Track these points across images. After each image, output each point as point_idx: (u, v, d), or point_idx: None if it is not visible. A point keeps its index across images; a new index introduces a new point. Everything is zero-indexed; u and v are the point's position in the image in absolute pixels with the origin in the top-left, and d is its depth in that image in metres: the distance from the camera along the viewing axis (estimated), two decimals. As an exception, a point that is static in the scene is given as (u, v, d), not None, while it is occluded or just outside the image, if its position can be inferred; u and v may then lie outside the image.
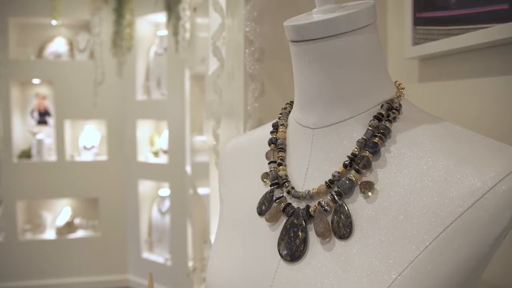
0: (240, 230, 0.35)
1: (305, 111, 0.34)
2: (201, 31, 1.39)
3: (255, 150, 0.39)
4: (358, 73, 0.32)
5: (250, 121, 0.63)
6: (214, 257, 0.36)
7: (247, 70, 0.64)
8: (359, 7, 0.31)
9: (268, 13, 0.64)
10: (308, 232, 0.30)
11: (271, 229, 0.32)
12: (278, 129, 0.37)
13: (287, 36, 0.35)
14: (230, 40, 0.77)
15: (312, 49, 0.32)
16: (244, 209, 0.36)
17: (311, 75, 0.33)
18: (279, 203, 0.32)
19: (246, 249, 0.33)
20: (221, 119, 0.78)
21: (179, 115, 2.11)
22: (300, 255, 0.29)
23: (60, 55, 2.37)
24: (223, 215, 0.40)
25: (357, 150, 0.30)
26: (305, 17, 0.34)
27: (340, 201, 0.30)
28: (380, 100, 0.32)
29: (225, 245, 0.36)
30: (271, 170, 0.35)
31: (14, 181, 2.27)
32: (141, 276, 2.33)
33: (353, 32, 0.31)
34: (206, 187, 1.24)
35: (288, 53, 0.64)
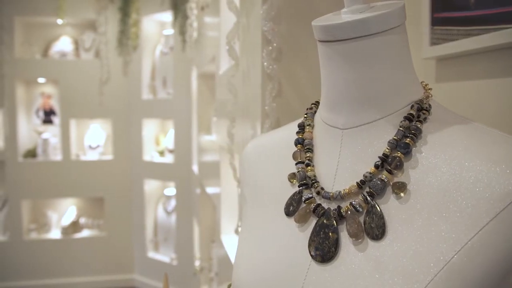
0: (267, 230, 0.35)
1: (333, 111, 0.34)
2: (210, 30, 1.39)
3: (279, 151, 0.39)
4: (388, 74, 0.32)
5: (267, 121, 0.63)
6: (241, 257, 0.36)
7: (264, 69, 0.64)
8: (390, 7, 0.31)
9: (285, 13, 0.64)
10: (339, 233, 0.30)
11: (300, 230, 0.32)
12: (305, 129, 0.37)
13: (315, 36, 0.35)
14: (245, 40, 0.77)
15: (343, 49, 0.32)
16: (270, 209, 0.36)
17: (341, 75, 0.33)
18: (308, 204, 0.32)
19: (274, 250, 0.33)
20: (235, 119, 0.78)
21: (185, 114, 2.11)
22: (332, 256, 0.30)
23: (65, 54, 2.37)
24: (248, 215, 0.39)
25: (388, 151, 0.30)
26: (333, 17, 0.34)
27: (372, 201, 0.30)
28: (409, 100, 0.32)
29: (251, 245, 0.36)
30: (299, 171, 0.35)
31: (19, 181, 2.27)
32: (147, 275, 2.34)
33: (384, 32, 0.31)
34: (216, 186, 1.24)
35: (305, 53, 0.65)
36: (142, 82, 2.27)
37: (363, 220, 0.29)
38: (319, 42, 0.35)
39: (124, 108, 2.35)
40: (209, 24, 1.39)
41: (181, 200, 2.16)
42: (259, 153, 0.41)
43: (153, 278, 2.30)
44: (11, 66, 2.23)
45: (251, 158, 0.42)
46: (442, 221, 0.27)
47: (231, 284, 0.37)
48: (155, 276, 2.29)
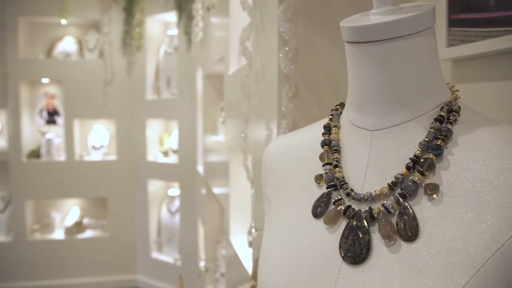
0: (293, 232, 0.35)
1: (362, 112, 0.34)
2: (216, 30, 1.38)
3: (304, 152, 0.39)
4: (417, 76, 0.32)
5: (284, 122, 0.63)
6: (267, 259, 0.36)
7: (281, 70, 0.63)
8: (420, 9, 0.31)
9: (302, 13, 0.63)
10: (371, 235, 0.30)
11: (329, 232, 0.32)
12: (331, 130, 0.37)
13: (343, 37, 0.35)
14: (259, 40, 0.77)
15: (373, 51, 0.32)
16: (296, 211, 0.36)
17: (370, 76, 0.33)
18: (338, 206, 0.32)
19: (303, 251, 0.33)
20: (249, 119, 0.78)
21: (190, 115, 2.11)
22: (364, 258, 0.29)
23: (69, 55, 2.36)
24: (272, 217, 0.39)
25: (419, 152, 0.30)
26: (362, 18, 0.34)
27: (405, 203, 0.29)
28: (438, 102, 0.33)
29: (278, 246, 0.36)
30: (326, 172, 0.35)
31: (23, 181, 2.26)
32: (150, 276, 2.33)
33: (415, 34, 0.31)
34: (223, 186, 1.24)
35: (321, 53, 0.65)
36: (146, 83, 2.27)
37: (395, 222, 0.29)
38: (347, 43, 0.35)
39: (128, 109, 2.34)
40: (216, 25, 1.39)
41: (185, 201, 2.15)
42: (283, 155, 0.41)
43: (156, 278, 2.29)
44: (15, 66, 2.22)
45: (273, 159, 0.42)
46: (476, 223, 0.27)
47: (256, 285, 0.36)
48: (159, 276, 2.28)
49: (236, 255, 1.01)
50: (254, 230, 0.78)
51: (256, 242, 0.78)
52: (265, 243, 0.38)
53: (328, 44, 0.65)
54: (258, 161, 0.77)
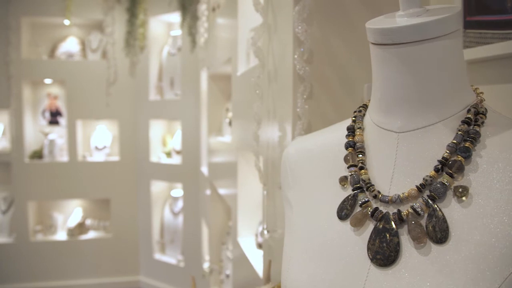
0: (318, 234, 0.35)
1: (388, 114, 0.34)
2: (223, 31, 1.38)
3: (326, 154, 0.39)
4: (444, 78, 0.32)
5: (299, 123, 0.63)
6: (291, 261, 0.36)
7: (296, 71, 0.63)
8: (447, 11, 0.31)
9: (317, 15, 0.63)
10: (399, 237, 0.30)
11: (356, 234, 0.32)
12: (355, 132, 0.37)
13: (369, 38, 0.35)
14: (271, 41, 0.76)
15: (400, 53, 0.32)
16: (320, 213, 0.36)
17: (397, 78, 0.33)
18: (365, 208, 0.32)
19: (329, 254, 0.33)
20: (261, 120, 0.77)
21: (193, 115, 2.10)
22: (393, 260, 0.29)
23: (72, 55, 2.35)
24: (295, 219, 0.39)
25: (448, 155, 0.30)
26: (388, 20, 0.34)
27: (434, 205, 0.29)
28: (464, 104, 0.33)
29: (302, 249, 0.36)
30: (352, 174, 0.34)
31: (25, 182, 2.25)
32: (153, 277, 2.32)
33: (442, 37, 0.31)
34: (230, 187, 1.23)
35: (335, 55, 0.64)
36: (149, 83, 2.26)
37: (425, 224, 0.29)
38: (373, 45, 0.34)
39: (131, 109, 2.33)
40: (222, 25, 1.39)
41: (189, 202, 2.14)
42: (304, 156, 0.41)
43: (159, 280, 2.28)
44: (18, 67, 2.21)
45: (294, 161, 0.42)
46: (508, 225, 0.27)
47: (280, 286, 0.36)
48: (161, 278, 2.27)
49: (244, 257, 1.01)
50: (266, 232, 0.78)
51: (267, 243, 0.78)
52: (288, 245, 0.38)
53: (342, 45, 0.65)
54: (270, 162, 0.77)
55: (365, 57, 0.65)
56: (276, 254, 0.73)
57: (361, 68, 0.65)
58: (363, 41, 0.65)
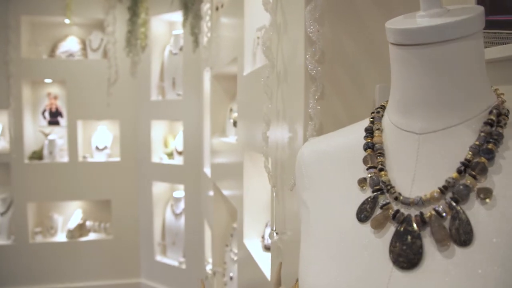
0: (337, 237, 0.34)
1: (408, 116, 0.34)
2: (227, 30, 1.37)
3: (343, 155, 0.39)
4: (466, 79, 0.32)
5: (311, 124, 0.62)
6: (310, 264, 0.35)
7: (308, 71, 0.62)
8: (469, 12, 0.31)
9: (328, 15, 0.62)
10: (422, 239, 0.30)
11: (376, 236, 0.32)
12: (374, 133, 0.37)
13: (389, 39, 0.34)
14: (281, 41, 0.75)
15: (422, 53, 0.32)
16: (338, 215, 0.36)
17: (418, 79, 0.32)
18: (386, 210, 0.32)
19: (349, 257, 0.33)
20: (271, 121, 0.76)
21: (196, 116, 2.09)
22: (416, 263, 0.29)
23: (72, 54, 2.33)
24: (312, 221, 0.39)
25: (471, 156, 0.30)
26: (408, 21, 0.33)
27: (457, 207, 0.29)
28: (485, 106, 0.32)
29: (321, 251, 0.35)
30: (371, 176, 0.34)
31: (25, 183, 2.23)
32: (154, 279, 2.30)
33: (465, 38, 0.31)
34: (235, 189, 1.22)
35: (347, 55, 0.63)
36: (150, 83, 2.24)
37: (448, 226, 0.29)
38: (393, 46, 0.34)
39: (132, 109, 2.31)
40: (227, 25, 1.38)
41: (191, 203, 2.13)
42: (319, 158, 0.41)
43: (160, 282, 2.26)
44: (18, 66, 2.18)
45: (309, 163, 0.41)
46: None
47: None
48: (163, 280, 2.25)
49: (251, 259, 0.99)
50: (275, 234, 0.76)
51: (276, 246, 0.77)
52: (305, 248, 0.37)
53: (354, 46, 0.64)
54: (279, 163, 0.76)
55: (376, 58, 0.64)
56: (286, 256, 0.72)
57: (372, 68, 0.65)
58: (374, 41, 0.64)
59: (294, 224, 0.67)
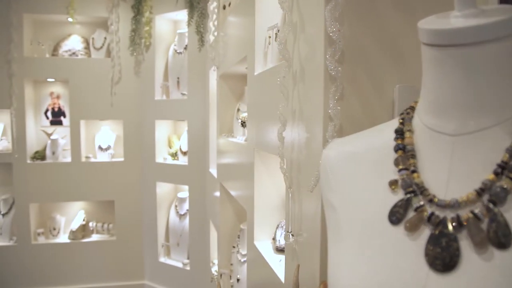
0: (368, 239, 0.34)
1: (441, 117, 0.34)
2: (235, 29, 1.36)
3: (372, 157, 0.38)
4: (502, 80, 0.32)
5: (331, 125, 0.61)
6: (341, 268, 0.35)
7: (328, 71, 0.61)
8: (505, 13, 0.31)
9: (347, 14, 0.61)
10: (459, 242, 0.29)
11: (410, 239, 0.32)
12: (405, 134, 0.36)
13: (422, 39, 0.34)
14: (296, 40, 0.74)
15: (457, 54, 0.31)
16: (368, 217, 0.35)
17: (452, 80, 0.32)
18: (420, 212, 0.32)
19: (382, 259, 0.32)
20: (287, 122, 0.75)
21: (201, 116, 2.07)
22: (453, 266, 0.29)
23: (75, 53, 2.30)
24: (341, 223, 0.38)
25: (508, 158, 0.30)
26: (442, 21, 0.33)
27: (495, 209, 0.29)
28: None
29: (352, 255, 0.35)
30: (403, 178, 0.34)
31: (27, 183, 2.20)
32: (158, 281, 2.28)
33: (501, 39, 0.31)
34: (244, 190, 1.21)
35: (367, 55, 0.62)
36: (154, 82, 2.22)
37: (486, 229, 0.29)
38: (426, 46, 0.34)
39: (136, 109, 2.29)
40: (235, 24, 1.36)
41: (195, 204, 2.11)
42: (346, 159, 0.40)
43: (164, 284, 2.25)
44: (20, 65, 2.16)
45: (336, 164, 0.41)
46: None
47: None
48: (166, 282, 2.24)
49: (263, 261, 0.98)
50: (291, 236, 0.75)
51: (291, 247, 0.76)
52: (335, 249, 0.37)
53: (373, 46, 0.63)
54: (296, 164, 0.75)
55: (396, 58, 0.63)
56: (302, 258, 0.71)
57: (392, 69, 0.64)
58: (394, 41, 0.63)
59: (311, 226, 0.66)
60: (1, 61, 2.14)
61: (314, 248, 0.65)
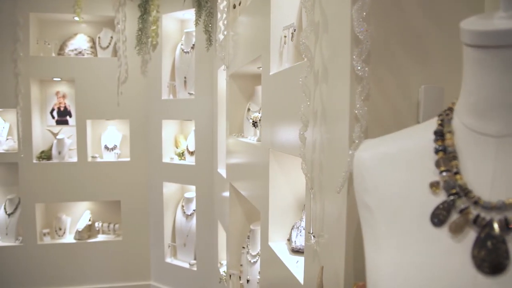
0: (409, 240, 0.34)
1: (483, 118, 0.33)
2: (248, 29, 1.35)
3: (409, 158, 0.38)
4: None
5: (358, 126, 0.60)
6: (382, 268, 0.35)
7: (354, 71, 0.61)
8: None
9: (373, 14, 0.61)
10: (507, 244, 0.29)
11: (455, 241, 0.32)
12: (445, 136, 0.36)
13: (465, 40, 0.34)
14: (318, 39, 0.74)
15: (503, 55, 0.31)
16: (408, 218, 0.35)
17: (496, 81, 0.32)
18: (466, 214, 0.32)
19: (425, 261, 0.32)
20: (309, 122, 0.75)
21: (208, 115, 2.06)
22: (503, 268, 0.29)
23: (81, 53, 2.29)
24: (379, 224, 0.38)
25: None
26: (486, 22, 0.33)
27: None
28: None
29: (393, 257, 0.35)
30: (446, 179, 0.34)
31: (33, 183, 2.19)
32: (164, 282, 2.27)
33: None
34: (259, 190, 1.20)
35: (392, 56, 0.62)
36: (161, 82, 2.21)
37: None
38: (469, 47, 0.33)
39: (143, 109, 2.28)
40: (247, 23, 1.36)
41: (203, 204, 2.10)
42: (382, 161, 0.40)
43: (171, 285, 2.24)
44: (26, 64, 2.15)
45: (371, 166, 0.41)
46: None
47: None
48: (173, 282, 2.23)
49: (279, 262, 0.98)
50: (313, 237, 0.75)
51: (313, 249, 0.75)
52: (374, 251, 0.37)
53: (399, 46, 0.63)
54: (317, 164, 0.74)
55: (422, 59, 0.62)
56: (324, 259, 0.71)
57: (417, 69, 0.63)
58: (420, 42, 0.62)
59: (334, 227, 0.66)
60: (7, 60, 2.12)
61: (339, 250, 0.65)
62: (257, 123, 1.36)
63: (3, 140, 2.24)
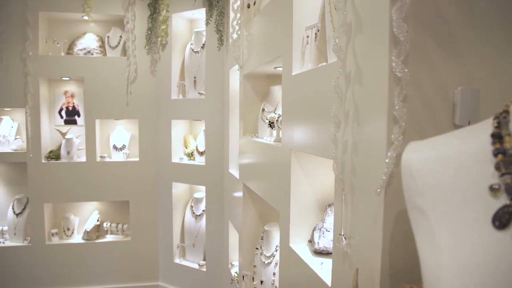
0: (469, 243, 0.34)
1: None
2: (265, 29, 1.34)
3: (464, 160, 0.38)
4: None
5: (397, 127, 0.60)
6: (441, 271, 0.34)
7: (393, 72, 0.60)
8: None
9: (413, 15, 0.60)
10: None
11: None
12: (504, 139, 0.36)
13: None
14: (350, 40, 0.73)
15: None
16: (467, 221, 0.35)
17: None
18: None
19: (487, 265, 0.32)
20: (341, 123, 0.74)
21: (218, 115, 2.05)
22: None
23: (90, 52, 2.27)
24: (435, 227, 0.37)
25: None
26: None
27: None
28: None
29: (452, 260, 0.34)
30: (508, 182, 0.33)
31: (41, 183, 2.17)
32: (173, 283, 2.26)
33: None
34: (278, 191, 1.19)
35: (430, 57, 0.61)
36: (171, 82, 2.19)
37: None
38: None
39: (152, 108, 2.27)
40: (265, 23, 1.35)
41: (212, 204, 2.09)
42: (433, 163, 0.40)
43: (179, 285, 2.22)
44: (35, 64, 2.12)
45: (422, 168, 0.40)
46: None
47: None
48: (181, 283, 2.21)
49: (302, 264, 0.97)
50: (344, 239, 0.74)
51: (343, 250, 0.75)
52: (431, 254, 0.36)
53: (436, 48, 0.62)
54: (348, 166, 0.73)
55: (458, 61, 0.62)
56: (356, 261, 0.70)
57: (454, 71, 0.63)
58: (457, 44, 0.62)
59: (369, 229, 0.65)
60: (16, 59, 2.10)
61: (374, 252, 0.64)
62: (274, 124, 1.35)
63: (11, 140, 2.22)
